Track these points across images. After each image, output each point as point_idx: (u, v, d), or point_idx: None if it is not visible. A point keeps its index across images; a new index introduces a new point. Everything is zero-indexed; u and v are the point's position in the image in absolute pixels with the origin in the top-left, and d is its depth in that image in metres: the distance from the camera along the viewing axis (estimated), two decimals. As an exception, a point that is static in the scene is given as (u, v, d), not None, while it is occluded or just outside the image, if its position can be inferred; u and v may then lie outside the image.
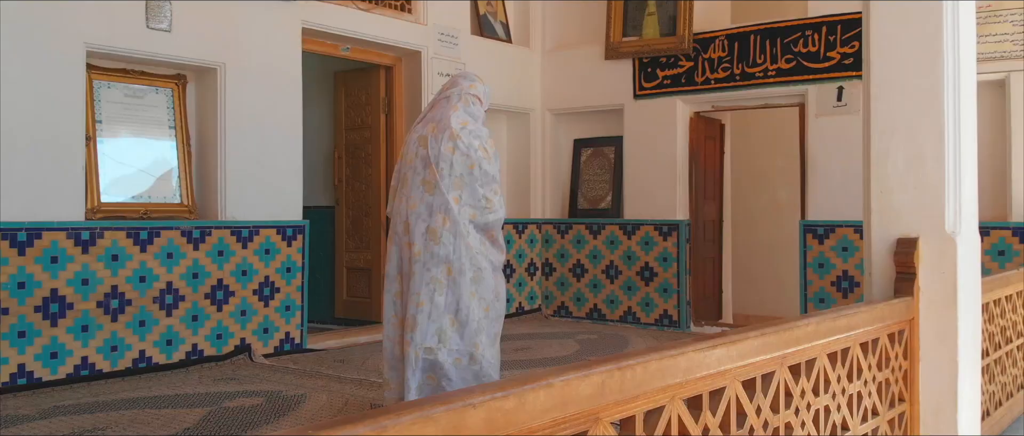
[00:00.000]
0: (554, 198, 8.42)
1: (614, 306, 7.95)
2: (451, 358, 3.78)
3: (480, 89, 4.19)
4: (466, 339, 3.80)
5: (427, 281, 3.81)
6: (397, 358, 3.95)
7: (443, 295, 3.79)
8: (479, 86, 4.18)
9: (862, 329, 2.70)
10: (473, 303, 3.79)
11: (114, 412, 4.56)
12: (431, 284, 3.80)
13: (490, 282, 3.87)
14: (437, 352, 3.77)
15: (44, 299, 4.97)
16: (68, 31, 5.08)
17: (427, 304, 3.79)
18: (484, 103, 4.19)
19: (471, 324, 3.81)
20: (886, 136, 3.20)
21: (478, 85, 4.18)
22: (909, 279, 3.11)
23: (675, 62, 7.58)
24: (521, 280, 8.17)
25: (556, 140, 8.43)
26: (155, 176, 5.73)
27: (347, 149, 7.57)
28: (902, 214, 3.16)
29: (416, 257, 3.86)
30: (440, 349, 3.77)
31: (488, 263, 3.87)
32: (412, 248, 3.88)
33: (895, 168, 3.18)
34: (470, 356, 3.80)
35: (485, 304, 3.84)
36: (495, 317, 3.90)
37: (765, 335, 2.16)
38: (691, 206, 7.69)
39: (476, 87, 4.16)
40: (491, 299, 3.87)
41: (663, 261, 7.66)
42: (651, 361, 1.77)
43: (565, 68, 8.25)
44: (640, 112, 7.79)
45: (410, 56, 7.30)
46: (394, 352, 3.97)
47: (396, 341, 3.94)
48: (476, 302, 3.80)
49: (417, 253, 3.86)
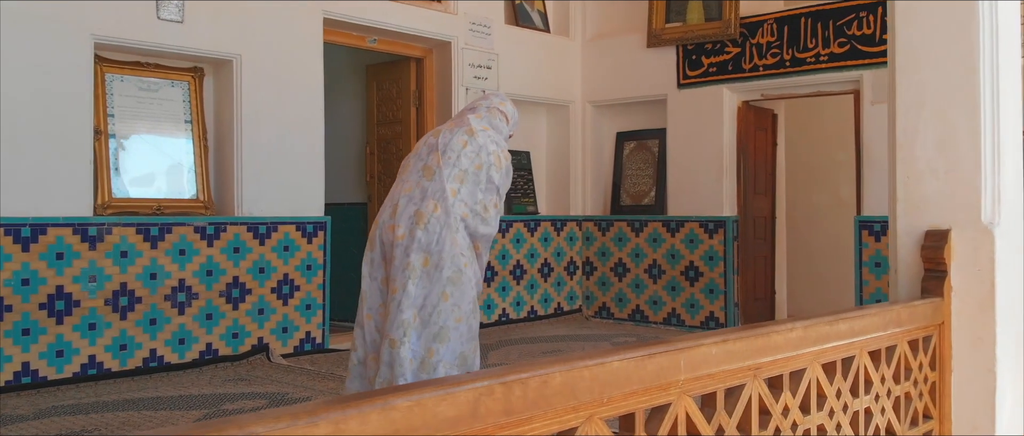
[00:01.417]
0: (595, 194, 8.06)
1: (657, 308, 7.55)
2: (410, 355, 3.47)
3: (509, 109, 3.99)
4: (423, 340, 3.48)
5: (404, 268, 3.51)
6: (374, 345, 3.64)
7: (416, 285, 3.49)
8: (509, 106, 4.00)
9: (871, 335, 2.31)
10: (442, 305, 3.46)
11: (109, 413, 4.41)
12: (407, 271, 3.50)
13: (469, 291, 3.51)
14: (400, 347, 3.46)
15: (49, 296, 4.88)
16: (74, 23, 4.98)
17: (400, 292, 3.50)
18: (510, 123, 3.97)
19: (432, 326, 3.48)
20: (913, 113, 2.79)
21: (508, 105, 4.00)
22: (939, 277, 2.69)
23: (721, 48, 7.15)
24: (560, 279, 7.84)
25: (597, 133, 8.08)
26: (169, 171, 5.60)
27: (379, 144, 7.37)
28: (931, 203, 2.75)
29: (398, 241, 3.56)
30: (403, 343, 3.47)
31: (471, 270, 3.55)
32: (395, 231, 3.58)
33: (923, 150, 2.77)
34: (421, 361, 3.48)
35: (459, 313, 3.47)
36: (469, 336, 3.53)
37: (729, 341, 1.81)
38: (739, 201, 7.25)
39: (506, 105, 3.98)
40: (468, 311, 3.50)
41: (709, 260, 7.23)
42: (554, 374, 1.45)
43: (606, 58, 7.89)
44: (684, 102, 7.38)
45: (440, 47, 7.05)
46: (370, 341, 3.65)
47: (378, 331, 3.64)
48: (448, 305, 3.46)
49: (400, 237, 3.56)
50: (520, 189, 7.69)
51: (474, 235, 3.61)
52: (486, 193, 3.67)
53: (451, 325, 3.44)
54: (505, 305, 7.35)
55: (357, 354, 3.62)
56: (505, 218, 7.36)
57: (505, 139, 3.90)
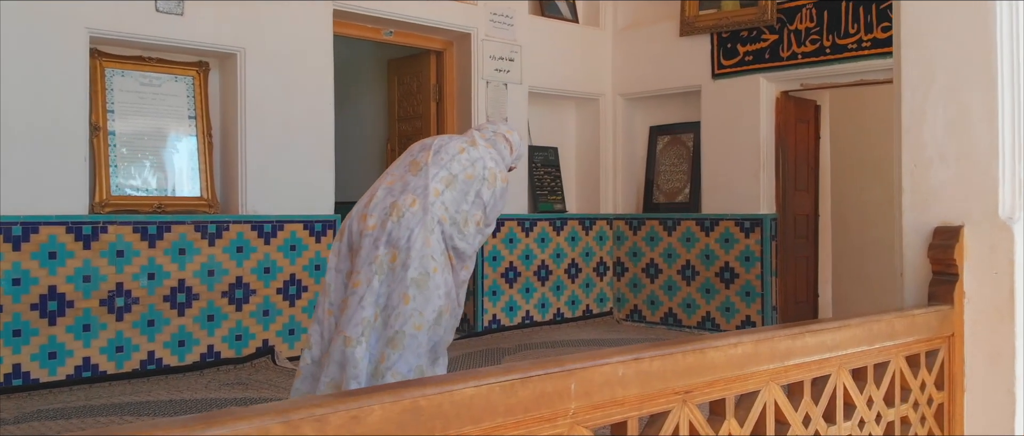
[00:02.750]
0: (627, 191, 7.70)
1: (691, 311, 7.16)
2: (366, 357, 3.19)
3: (515, 139, 3.77)
4: (380, 342, 3.21)
5: (370, 260, 3.24)
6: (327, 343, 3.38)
7: (382, 281, 3.22)
8: (515, 136, 3.78)
9: (852, 350, 1.96)
10: (402, 308, 3.17)
11: (91, 418, 4.26)
12: (374, 265, 3.22)
13: (435, 300, 3.20)
14: (356, 346, 3.19)
15: (41, 297, 4.76)
16: (68, 16, 4.85)
17: (363, 286, 3.22)
18: (514, 152, 3.74)
19: (388, 331, 3.20)
20: (920, 90, 2.42)
21: (515, 135, 3.78)
22: (949, 281, 2.32)
23: (757, 36, 6.73)
24: (589, 281, 7.50)
25: (629, 127, 7.71)
26: (171, 168, 5.45)
27: (400, 140, 7.14)
28: (941, 194, 2.38)
29: (368, 231, 3.29)
30: (359, 343, 3.19)
31: (442, 278, 3.26)
32: (366, 221, 3.32)
33: (932, 133, 2.39)
34: (376, 366, 3.21)
35: (420, 321, 3.17)
36: (429, 349, 3.21)
37: (644, 359, 1.49)
38: (778, 198, 6.81)
39: (513, 135, 3.77)
40: (430, 321, 3.19)
41: (745, 261, 6.82)
42: (446, 395, 1.15)
43: (637, 48, 7.53)
44: (719, 93, 6.98)
45: (460, 39, 6.79)
46: (328, 339, 3.39)
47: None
48: (407, 309, 3.16)
49: (371, 227, 3.29)
50: (547, 186, 7.38)
51: (450, 245, 3.33)
52: (472, 206, 3.40)
53: (408, 331, 3.16)
54: (529, 307, 7.05)
55: (311, 352, 3.36)
56: (529, 217, 7.06)
57: (506, 168, 3.65)
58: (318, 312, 3.42)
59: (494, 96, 6.75)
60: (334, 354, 3.24)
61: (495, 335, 6.75)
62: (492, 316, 6.79)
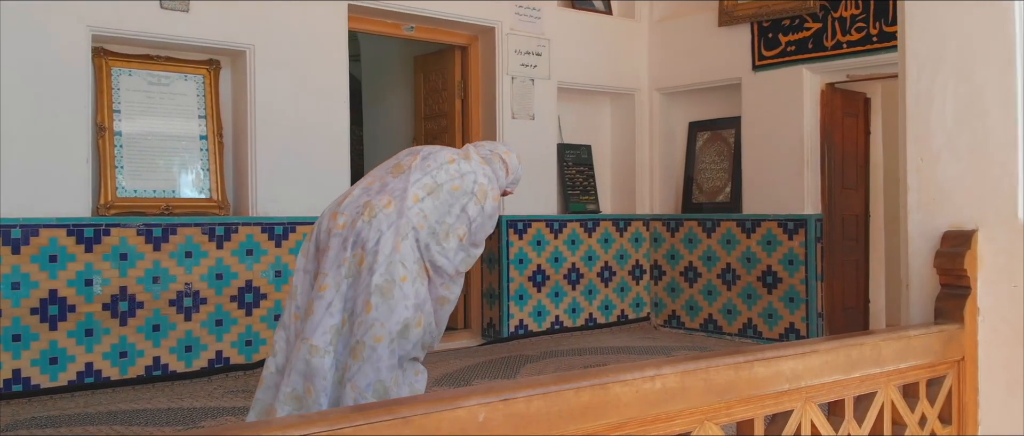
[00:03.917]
0: (665, 190, 7.34)
1: (732, 317, 6.77)
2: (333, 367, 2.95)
3: (513, 162, 3.51)
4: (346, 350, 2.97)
5: (338, 263, 3.00)
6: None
7: (350, 285, 2.98)
8: (514, 159, 3.53)
9: (822, 380, 1.63)
10: (364, 316, 2.92)
11: (80, 426, 4.13)
12: (342, 267, 2.99)
13: (400, 311, 2.93)
14: (324, 356, 2.95)
15: (41, 300, 4.66)
16: (68, 14, 4.75)
17: (330, 290, 2.98)
18: (510, 175, 3.49)
19: (352, 339, 2.96)
20: (927, 73, 2.07)
21: (513, 157, 3.53)
22: (959, 295, 1.97)
23: (800, 24, 6.31)
24: (624, 284, 7.17)
25: (667, 123, 7.35)
26: (180, 169, 5.32)
27: (426, 138, 6.92)
28: (951, 193, 2.03)
29: (337, 230, 3.05)
30: (328, 351, 2.95)
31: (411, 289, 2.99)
32: (336, 219, 3.09)
33: (941, 122, 2.05)
34: (341, 376, 2.96)
35: (381, 332, 2.89)
36: (393, 365, 2.93)
37: (518, 398, 1.21)
38: (824, 198, 6.38)
39: (511, 156, 3.52)
40: (394, 333, 2.92)
41: (788, 264, 6.40)
42: None
43: (674, 40, 7.16)
44: (760, 86, 6.57)
45: (484, 34, 6.53)
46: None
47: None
48: (368, 318, 2.90)
49: (341, 226, 3.05)
50: (579, 186, 7.07)
51: (426, 257, 3.06)
52: (456, 221, 3.14)
53: (368, 343, 2.90)
54: (558, 312, 6.76)
55: (276, 360, 3.13)
56: (558, 217, 6.76)
57: (500, 189, 3.39)
58: (284, 316, 3.20)
59: (520, 92, 6.48)
60: (297, 363, 3.01)
61: (521, 341, 6.47)
62: (519, 321, 6.51)
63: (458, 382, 5.18)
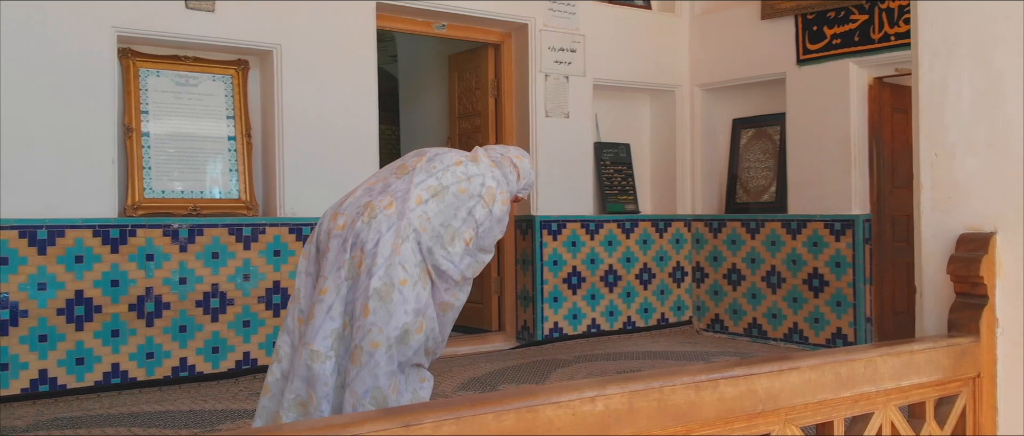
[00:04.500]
0: (707, 190, 7.12)
1: (777, 322, 6.52)
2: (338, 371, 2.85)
3: (525, 166, 3.37)
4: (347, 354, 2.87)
5: (338, 265, 2.90)
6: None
7: (350, 288, 2.88)
8: (526, 164, 3.38)
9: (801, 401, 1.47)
10: (362, 320, 2.82)
11: (99, 427, 4.12)
12: (342, 269, 2.89)
13: (400, 316, 2.81)
14: (325, 361, 2.85)
15: (67, 301, 4.69)
16: (92, 15, 4.76)
17: (331, 293, 2.89)
18: (521, 180, 3.35)
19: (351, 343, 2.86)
20: (941, 59, 1.88)
21: (525, 162, 3.38)
22: (975, 305, 1.78)
23: (845, 16, 6.04)
24: (664, 287, 6.97)
25: (709, 120, 7.12)
26: (208, 170, 5.31)
27: (460, 138, 6.82)
28: (968, 191, 1.84)
29: (336, 231, 2.96)
30: (330, 357, 2.85)
31: (411, 293, 2.87)
32: (336, 219, 3.00)
33: (955, 113, 1.86)
34: (342, 378, 2.86)
35: (379, 338, 2.77)
36: (392, 372, 2.81)
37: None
38: (872, 197, 6.10)
39: (523, 161, 3.37)
40: (393, 339, 2.80)
41: (835, 267, 6.14)
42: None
43: (716, 34, 6.93)
44: (805, 81, 6.32)
45: (517, 31, 6.40)
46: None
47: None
48: (366, 322, 2.80)
49: (340, 226, 2.96)
50: (617, 186, 6.89)
51: (429, 261, 2.95)
52: (463, 224, 3.01)
53: (366, 348, 2.79)
54: (595, 315, 6.59)
55: (281, 366, 3.04)
56: (594, 218, 6.60)
57: (510, 193, 3.26)
58: (287, 320, 3.11)
59: (553, 90, 6.34)
60: (300, 369, 2.93)
61: (556, 345, 6.33)
62: (553, 324, 6.37)
63: (485, 386, 5.06)
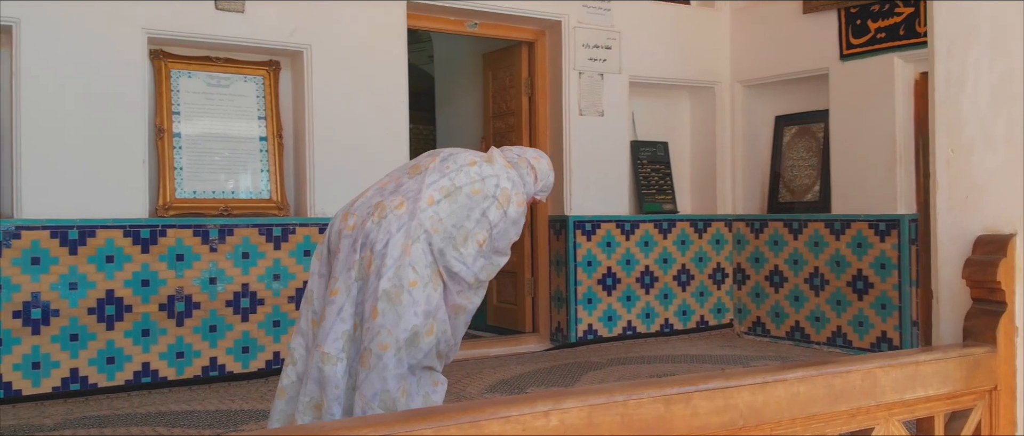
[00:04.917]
0: (749, 189, 6.94)
1: (820, 325, 6.33)
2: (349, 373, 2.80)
3: (543, 168, 3.28)
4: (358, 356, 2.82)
5: (349, 266, 2.86)
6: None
7: (360, 289, 2.83)
8: (544, 165, 3.29)
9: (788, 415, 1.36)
10: (371, 322, 2.76)
11: (124, 427, 4.15)
12: (352, 270, 2.85)
13: (410, 318, 2.75)
14: (337, 363, 2.80)
15: (99, 301, 4.73)
16: (123, 17, 4.81)
17: (341, 294, 2.84)
18: (539, 182, 3.26)
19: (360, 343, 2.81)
20: (958, 47, 1.75)
21: (543, 164, 3.29)
22: (993, 312, 1.65)
23: (890, 9, 5.82)
24: (703, 289, 6.81)
25: (750, 118, 6.94)
26: (240, 171, 5.33)
27: (494, 138, 6.76)
28: (986, 190, 1.71)
29: (347, 231, 2.92)
30: (341, 359, 2.81)
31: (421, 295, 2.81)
32: (347, 219, 2.96)
33: (972, 105, 1.73)
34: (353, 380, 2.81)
35: (387, 340, 2.72)
36: (402, 376, 2.75)
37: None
38: (919, 196, 5.87)
39: (541, 163, 3.28)
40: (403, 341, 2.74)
41: (880, 268, 5.92)
42: None
43: (757, 29, 6.76)
44: (848, 76, 6.11)
45: (551, 28, 6.31)
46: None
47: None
48: (375, 324, 2.73)
49: (351, 227, 2.92)
50: (655, 185, 6.76)
51: (441, 263, 2.88)
52: (476, 225, 2.94)
53: (374, 350, 2.74)
54: (631, 317, 6.46)
55: (296, 368, 3.01)
56: (629, 218, 6.47)
57: (527, 195, 3.17)
58: (301, 322, 3.08)
59: (588, 87, 6.23)
60: (312, 371, 2.90)
61: (590, 347, 6.22)
62: (588, 326, 6.26)
63: (512, 389, 4.99)
